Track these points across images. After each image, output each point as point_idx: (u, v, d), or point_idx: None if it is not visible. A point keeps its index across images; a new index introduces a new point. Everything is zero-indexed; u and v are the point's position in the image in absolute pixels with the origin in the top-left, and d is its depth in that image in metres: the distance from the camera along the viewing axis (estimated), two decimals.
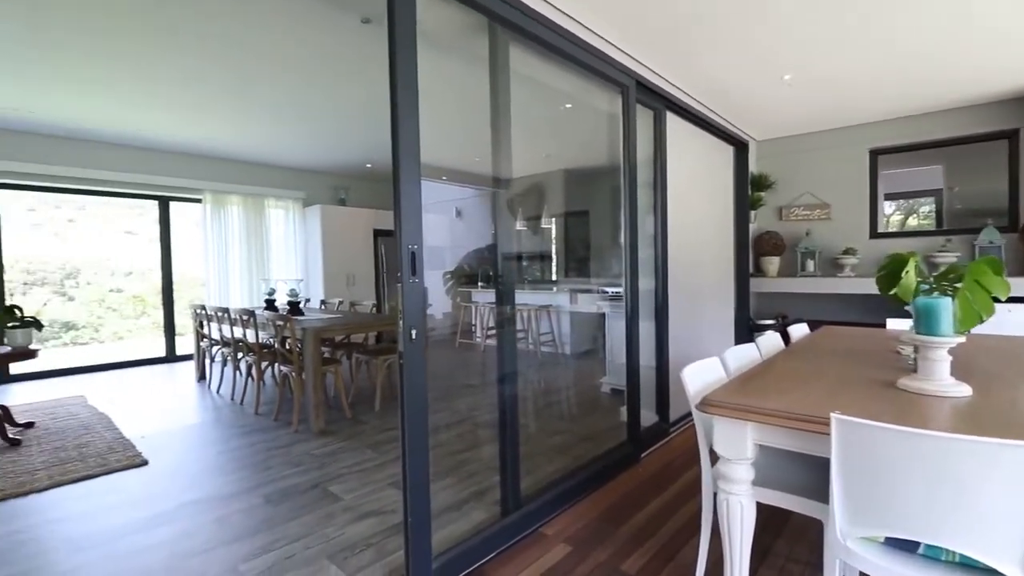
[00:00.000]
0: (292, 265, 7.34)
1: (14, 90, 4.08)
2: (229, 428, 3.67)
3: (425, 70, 1.76)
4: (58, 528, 2.28)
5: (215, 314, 4.72)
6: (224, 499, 2.53)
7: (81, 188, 5.78)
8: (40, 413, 4.07)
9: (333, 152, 6.51)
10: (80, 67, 3.64)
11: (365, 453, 3.10)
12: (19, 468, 2.92)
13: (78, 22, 3.03)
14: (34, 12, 2.91)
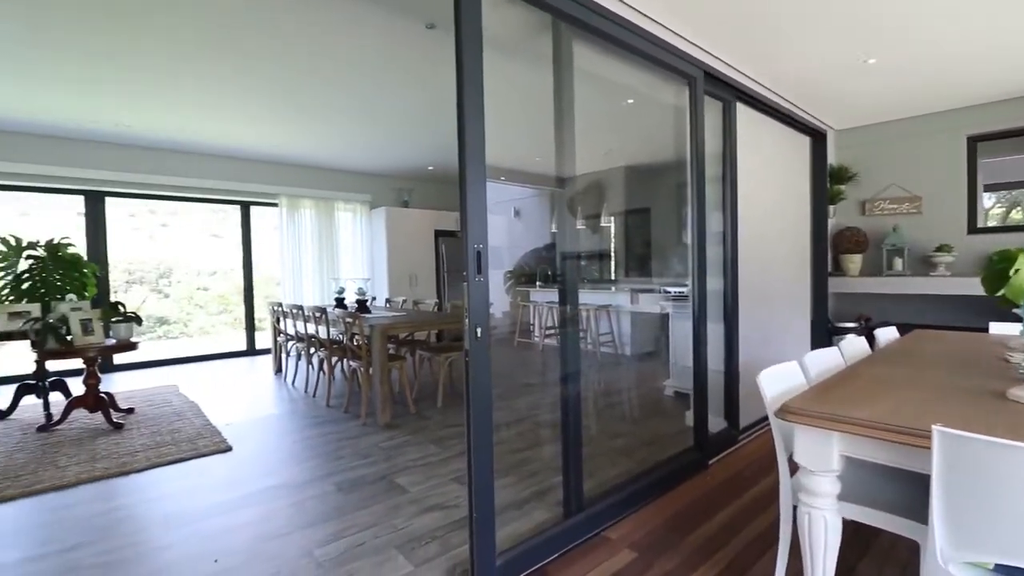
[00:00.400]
0: (359, 265, 7.66)
1: (119, 108, 4.51)
2: (303, 418, 3.88)
3: (487, 71, 1.78)
4: (154, 506, 2.50)
5: (290, 311, 5.00)
6: (299, 486, 2.67)
7: (173, 195, 6.31)
8: (139, 400, 4.49)
9: (397, 155, 6.73)
10: (172, 88, 3.97)
11: (429, 448, 3.18)
12: (121, 449, 3.23)
13: (175, 54, 3.31)
14: (136, 49, 3.20)
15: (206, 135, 5.53)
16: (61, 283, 3.98)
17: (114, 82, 3.92)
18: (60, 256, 4.04)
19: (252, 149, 6.18)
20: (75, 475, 2.82)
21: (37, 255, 3.97)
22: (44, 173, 5.37)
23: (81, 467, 2.93)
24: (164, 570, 1.94)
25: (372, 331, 3.63)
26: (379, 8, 3.00)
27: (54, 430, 3.66)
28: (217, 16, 3.00)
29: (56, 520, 2.36)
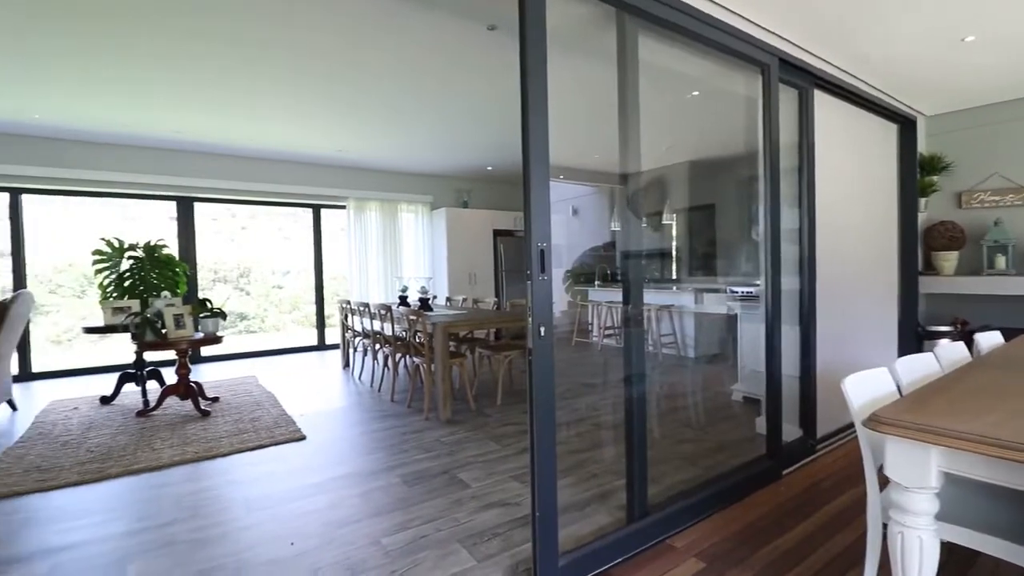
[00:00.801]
0: (421, 264, 7.87)
1: (207, 120, 4.88)
2: (369, 411, 4.04)
3: (549, 69, 1.77)
4: (237, 489, 2.68)
5: (357, 308, 5.22)
6: (366, 476, 2.78)
7: (252, 200, 6.76)
8: (223, 390, 4.84)
9: (457, 157, 6.86)
10: (255, 101, 4.25)
11: (489, 444, 3.21)
12: (208, 435, 3.50)
13: (259, 69, 3.54)
14: (225, 66, 3.45)
15: (282, 143, 5.88)
16: (157, 281, 4.36)
17: (203, 97, 4.25)
18: (156, 257, 4.43)
19: (323, 155, 6.51)
20: (168, 457, 3.08)
21: (137, 256, 4.37)
22: (142, 181, 5.91)
23: (174, 450, 3.20)
24: (247, 549, 2.08)
25: (434, 328, 3.72)
26: (442, 12, 3.06)
27: (150, 415, 4.02)
28: (297, 32, 3.18)
29: (153, 497, 2.59)
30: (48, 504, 2.53)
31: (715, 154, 6.58)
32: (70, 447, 3.29)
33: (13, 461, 3.05)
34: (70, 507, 2.50)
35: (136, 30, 3.14)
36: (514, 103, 1.72)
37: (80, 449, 3.24)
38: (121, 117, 4.80)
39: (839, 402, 1.47)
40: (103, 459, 3.06)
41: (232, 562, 1.99)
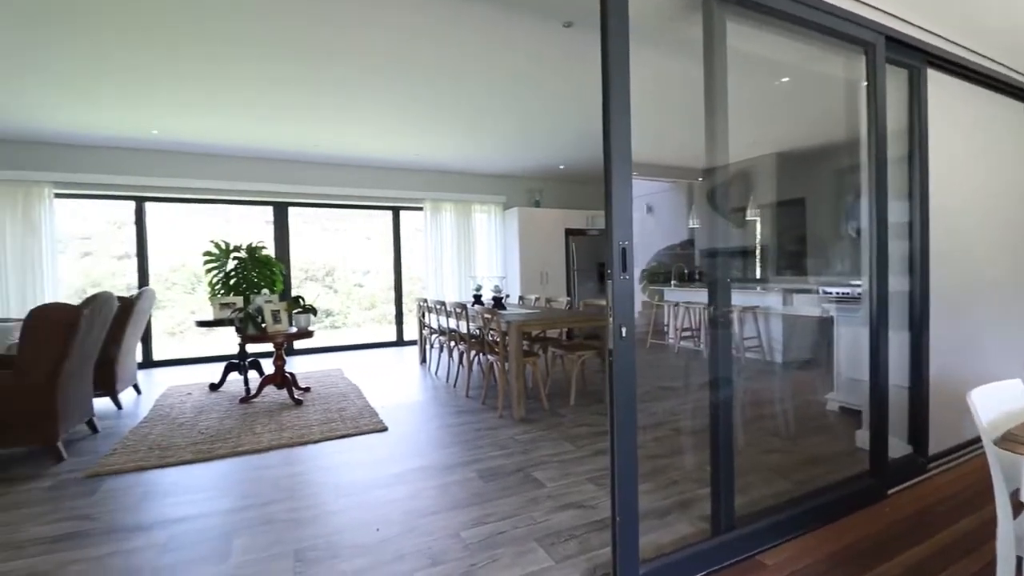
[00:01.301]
0: (494, 263, 7.99)
1: (302, 131, 5.25)
2: (445, 406, 4.16)
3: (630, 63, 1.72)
4: (327, 474, 2.86)
5: (434, 307, 5.39)
6: (443, 469, 2.86)
7: (337, 203, 7.19)
8: (313, 380, 5.18)
9: (530, 157, 6.89)
10: (343, 110, 4.51)
11: (563, 445, 3.20)
12: (301, 422, 3.75)
13: (349, 81, 3.76)
14: (319, 79, 3.69)
15: (366, 150, 6.21)
16: (257, 279, 4.75)
17: (299, 109, 4.58)
18: (257, 257, 4.82)
19: (403, 159, 6.79)
20: (267, 441, 3.34)
21: (240, 256, 4.79)
22: (244, 188, 6.47)
23: (271, 435, 3.47)
24: (336, 532, 2.21)
25: (509, 327, 3.76)
26: (520, 10, 3.08)
27: (251, 402, 4.38)
28: (377, 38, 3.34)
29: (254, 478, 2.82)
30: (166, 479, 2.84)
31: (806, 144, 6.12)
32: (185, 428, 3.67)
33: (139, 439, 3.45)
34: (184, 483, 2.78)
35: (245, 55, 3.44)
36: (589, 100, 1.71)
37: (193, 431, 3.61)
38: (231, 132, 5.28)
39: (956, 416, 1.30)
40: (212, 440, 3.38)
41: (323, 543, 2.12)
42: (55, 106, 4.46)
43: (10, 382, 2.96)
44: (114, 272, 7.14)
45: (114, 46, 3.34)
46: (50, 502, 2.55)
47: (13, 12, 2.91)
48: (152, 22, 3.06)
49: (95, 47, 3.35)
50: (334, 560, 1.99)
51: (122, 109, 4.56)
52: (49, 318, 3.03)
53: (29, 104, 4.40)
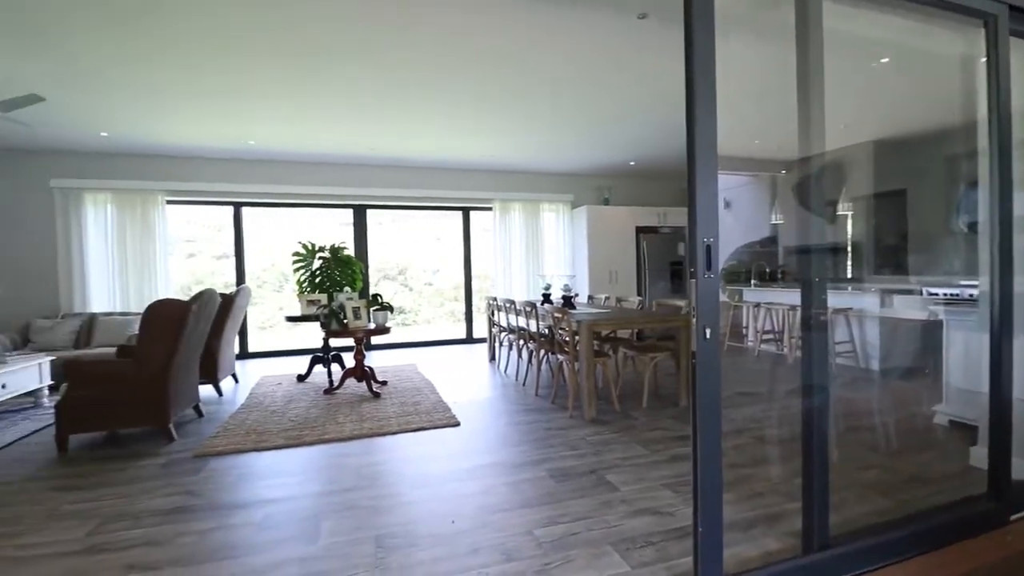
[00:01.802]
0: (562, 262, 7.94)
1: (379, 137, 5.49)
2: (514, 404, 4.19)
3: None
4: (404, 465, 2.97)
5: (503, 305, 5.45)
6: (515, 467, 2.88)
7: (410, 205, 7.45)
8: (389, 375, 5.41)
9: (599, 154, 6.78)
10: (417, 115, 4.67)
11: (636, 448, 3.12)
12: (379, 414, 3.93)
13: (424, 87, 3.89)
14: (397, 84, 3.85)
15: (438, 152, 6.38)
16: (340, 278, 5.03)
17: (379, 118, 4.80)
18: (339, 257, 5.10)
19: (473, 160, 6.92)
20: (349, 431, 3.52)
21: (325, 256, 5.09)
22: (326, 192, 6.87)
23: (353, 425, 3.66)
24: (414, 521, 2.29)
25: (579, 326, 3.72)
26: (589, 4, 3.04)
27: (334, 393, 4.64)
28: (459, 50, 3.42)
29: (338, 465, 2.98)
30: (261, 462, 3.07)
31: (908, 130, 5.58)
32: (276, 416, 3.95)
33: (237, 424, 3.76)
34: (276, 466, 2.99)
35: (326, 66, 3.65)
36: (663, 93, 1.65)
37: (283, 418, 3.88)
38: (317, 140, 5.64)
39: None
40: (300, 428, 3.62)
41: (402, 531, 2.21)
42: (168, 123, 4.96)
43: (131, 370, 3.33)
44: (213, 271, 7.84)
45: (216, 70, 3.65)
46: (163, 478, 2.83)
47: (136, 50, 3.26)
48: (247, 48, 3.32)
49: (199, 72, 3.68)
50: (412, 548, 2.06)
51: (224, 124, 5.00)
52: (163, 313, 3.37)
53: (147, 122, 4.93)
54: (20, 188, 5.85)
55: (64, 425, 3.22)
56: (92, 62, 3.57)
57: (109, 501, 2.54)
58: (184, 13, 2.99)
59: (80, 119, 4.79)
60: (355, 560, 1.99)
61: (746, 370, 5.41)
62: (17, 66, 3.56)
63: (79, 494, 2.63)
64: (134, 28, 3.13)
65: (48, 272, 5.92)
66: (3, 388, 3.88)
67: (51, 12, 2.95)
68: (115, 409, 3.30)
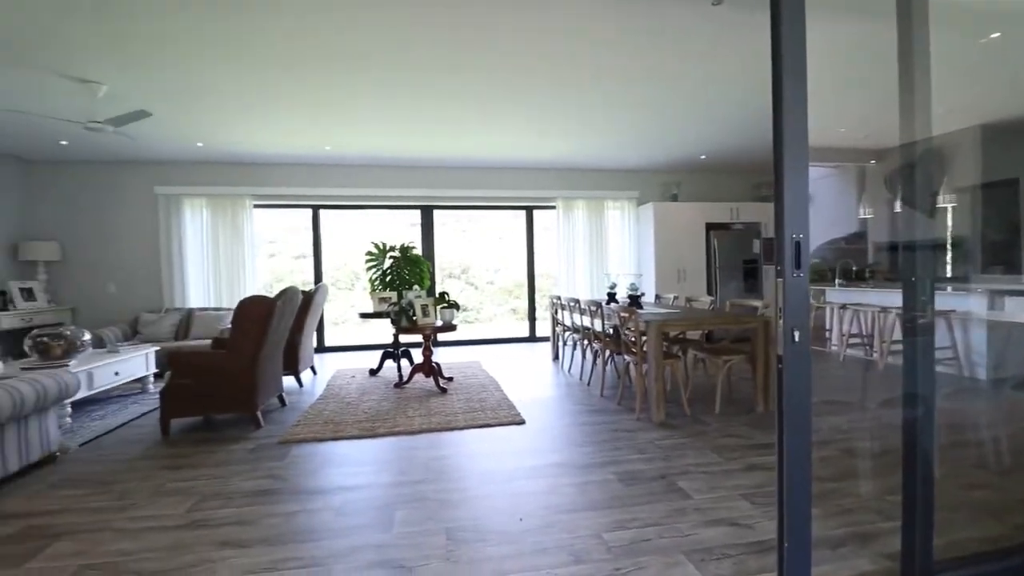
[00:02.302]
0: (627, 260, 7.77)
1: (447, 140, 5.62)
2: (579, 404, 4.15)
3: None
4: (471, 461, 3.01)
5: (568, 304, 5.41)
6: (581, 468, 2.85)
7: (474, 204, 7.57)
8: (455, 371, 5.52)
9: (666, 149, 6.57)
10: (486, 118, 4.73)
11: (709, 455, 2.99)
12: (447, 409, 4.01)
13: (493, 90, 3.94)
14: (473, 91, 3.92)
15: (503, 152, 6.44)
16: (409, 276, 5.20)
17: (450, 121, 4.91)
18: (408, 256, 5.27)
19: (537, 159, 6.92)
20: (418, 425, 3.63)
21: (395, 256, 5.27)
22: (395, 194, 7.12)
23: (422, 419, 3.77)
24: (482, 516, 2.32)
25: (648, 326, 3.62)
26: None
27: (404, 388, 4.81)
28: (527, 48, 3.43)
29: (408, 458, 3.08)
30: (338, 451, 3.22)
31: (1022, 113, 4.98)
32: (351, 407, 4.15)
33: (316, 414, 3.98)
34: (352, 456, 3.13)
35: (394, 77, 3.78)
36: (740, 83, 1.54)
37: (358, 410, 4.06)
38: (388, 144, 5.88)
39: None
40: (373, 420, 3.78)
41: (471, 525, 2.24)
42: (256, 133, 5.34)
43: (225, 361, 3.61)
44: (292, 270, 8.35)
45: (297, 86, 3.88)
46: (251, 462, 3.05)
47: (232, 70, 3.53)
48: (330, 65, 3.50)
49: (284, 87, 3.92)
50: (481, 543, 2.09)
51: (304, 132, 5.31)
52: (252, 310, 3.63)
53: (237, 133, 5.33)
54: (129, 196, 6.51)
55: (167, 410, 3.55)
56: (194, 81, 3.91)
57: (205, 481, 2.77)
58: (274, 41, 3.20)
59: (180, 132, 5.26)
60: (427, 551, 2.04)
61: (831, 376, 5.04)
62: (128, 86, 3.96)
63: (180, 473, 2.89)
64: (233, 51, 3.39)
65: (153, 271, 6.55)
66: (116, 375, 4.33)
67: (159, 39, 3.25)
68: (210, 397, 3.59)
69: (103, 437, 3.57)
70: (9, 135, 5.22)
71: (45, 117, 4.33)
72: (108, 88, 3.95)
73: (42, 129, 5.02)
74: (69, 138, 5.37)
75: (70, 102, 4.17)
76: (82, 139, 5.43)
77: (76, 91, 3.96)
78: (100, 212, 6.46)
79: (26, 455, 2.84)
